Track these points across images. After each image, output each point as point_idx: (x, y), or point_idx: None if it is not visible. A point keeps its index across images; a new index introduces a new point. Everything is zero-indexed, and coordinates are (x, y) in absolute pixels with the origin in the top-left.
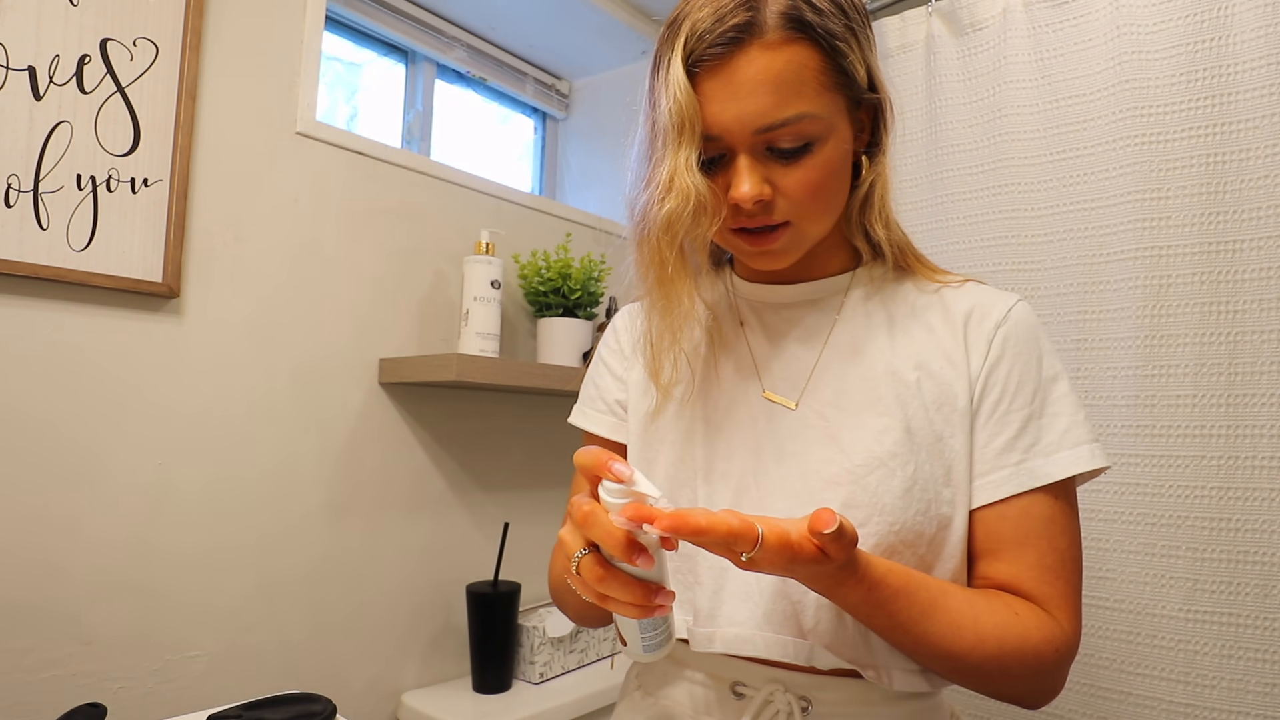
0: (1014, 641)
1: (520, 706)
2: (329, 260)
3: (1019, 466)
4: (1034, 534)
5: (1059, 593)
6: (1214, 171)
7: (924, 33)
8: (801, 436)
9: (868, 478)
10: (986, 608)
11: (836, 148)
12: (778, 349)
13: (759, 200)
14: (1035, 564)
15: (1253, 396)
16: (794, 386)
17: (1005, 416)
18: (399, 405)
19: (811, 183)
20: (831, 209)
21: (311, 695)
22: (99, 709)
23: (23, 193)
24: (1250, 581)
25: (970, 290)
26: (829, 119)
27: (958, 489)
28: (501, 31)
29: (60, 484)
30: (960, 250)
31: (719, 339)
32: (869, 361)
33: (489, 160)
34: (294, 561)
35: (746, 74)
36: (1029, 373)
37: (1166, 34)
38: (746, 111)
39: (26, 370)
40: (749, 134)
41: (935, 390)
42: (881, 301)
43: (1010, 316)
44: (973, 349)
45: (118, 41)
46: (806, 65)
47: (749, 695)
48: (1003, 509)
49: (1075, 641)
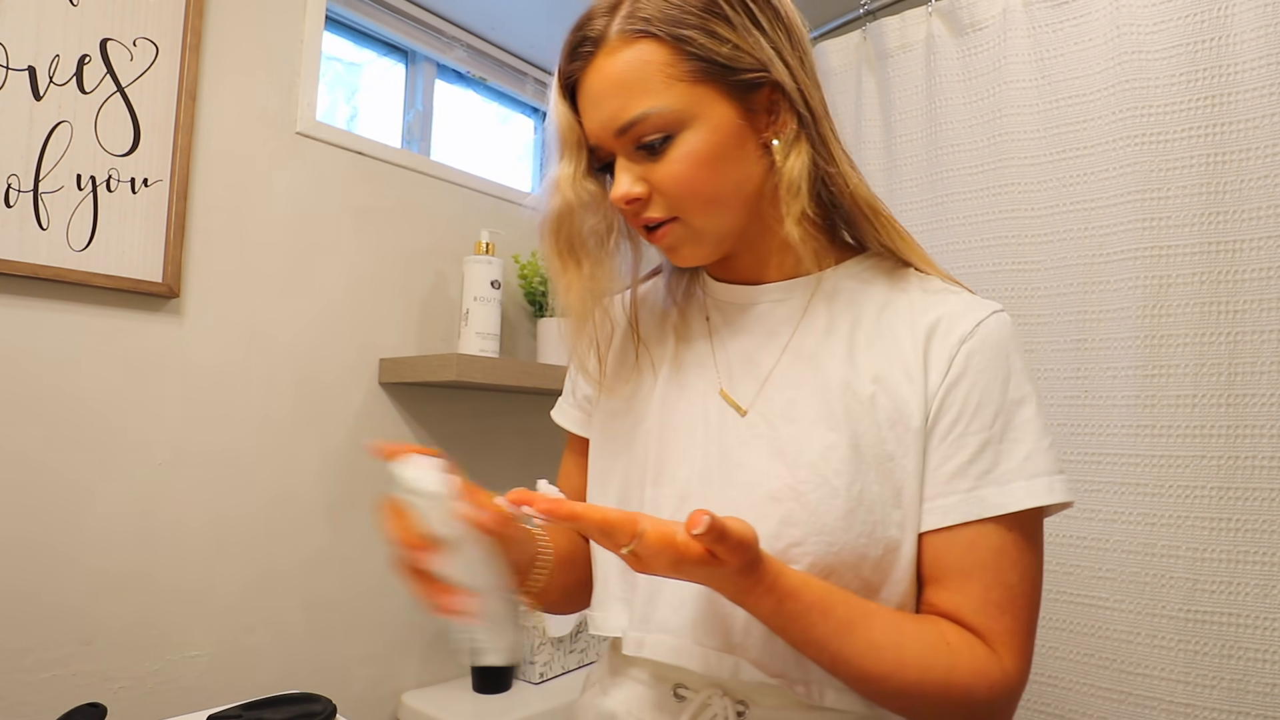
0: (939, 672)
1: (520, 706)
2: (329, 260)
3: (969, 494)
4: (981, 566)
5: (1003, 629)
6: (1214, 171)
7: (924, 33)
8: (749, 445)
9: (809, 495)
10: (915, 633)
11: (706, 137)
12: (739, 352)
13: (630, 199)
14: (980, 597)
15: (1253, 396)
16: (749, 391)
17: (961, 439)
18: (399, 405)
19: (678, 175)
20: (716, 203)
21: (311, 695)
22: (99, 709)
23: (23, 193)
24: (1250, 581)
25: (943, 298)
26: (685, 110)
27: (907, 511)
28: (501, 31)
29: (60, 484)
30: (960, 250)
31: (685, 338)
32: (826, 371)
33: (489, 160)
34: (294, 561)
35: (596, 83)
36: (991, 393)
37: (1166, 34)
38: (602, 117)
39: (26, 370)
40: (611, 138)
41: (890, 407)
42: (848, 305)
43: (978, 331)
44: (933, 364)
45: (118, 41)
46: (648, 62)
47: (688, 698)
48: (950, 536)
49: (1016, 682)
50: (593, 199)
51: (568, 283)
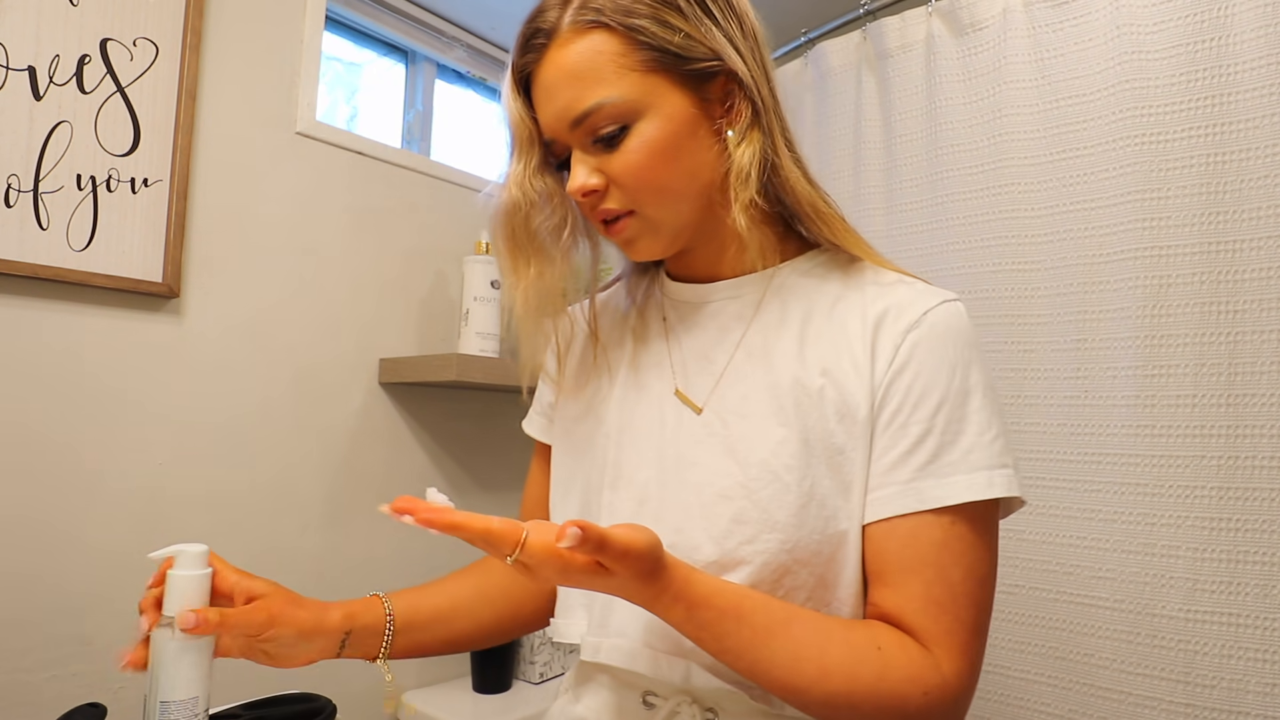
0: (867, 680)
1: (520, 706)
2: (329, 260)
3: (908, 485)
4: (922, 561)
5: (943, 629)
6: (1214, 171)
7: (924, 33)
8: (704, 444)
9: (760, 492)
10: (842, 638)
11: (660, 127)
12: (694, 350)
13: (587, 191)
14: (921, 594)
15: (1253, 396)
16: (704, 390)
17: (903, 429)
18: (399, 405)
19: (634, 165)
20: (670, 194)
21: (312, 695)
22: (99, 709)
23: (23, 193)
24: (1250, 581)
25: (894, 289)
26: (639, 100)
27: (855, 504)
28: (501, 31)
29: (60, 484)
30: (960, 250)
31: (643, 339)
32: (776, 367)
33: (489, 160)
34: (295, 561)
35: (549, 76)
36: (936, 383)
37: (1166, 34)
38: (556, 109)
39: (26, 370)
40: (566, 130)
41: (838, 399)
42: (801, 300)
43: (925, 320)
44: (879, 354)
45: (118, 41)
46: (601, 52)
47: (657, 705)
48: (890, 528)
49: (956, 688)
50: (545, 195)
51: (514, 281)
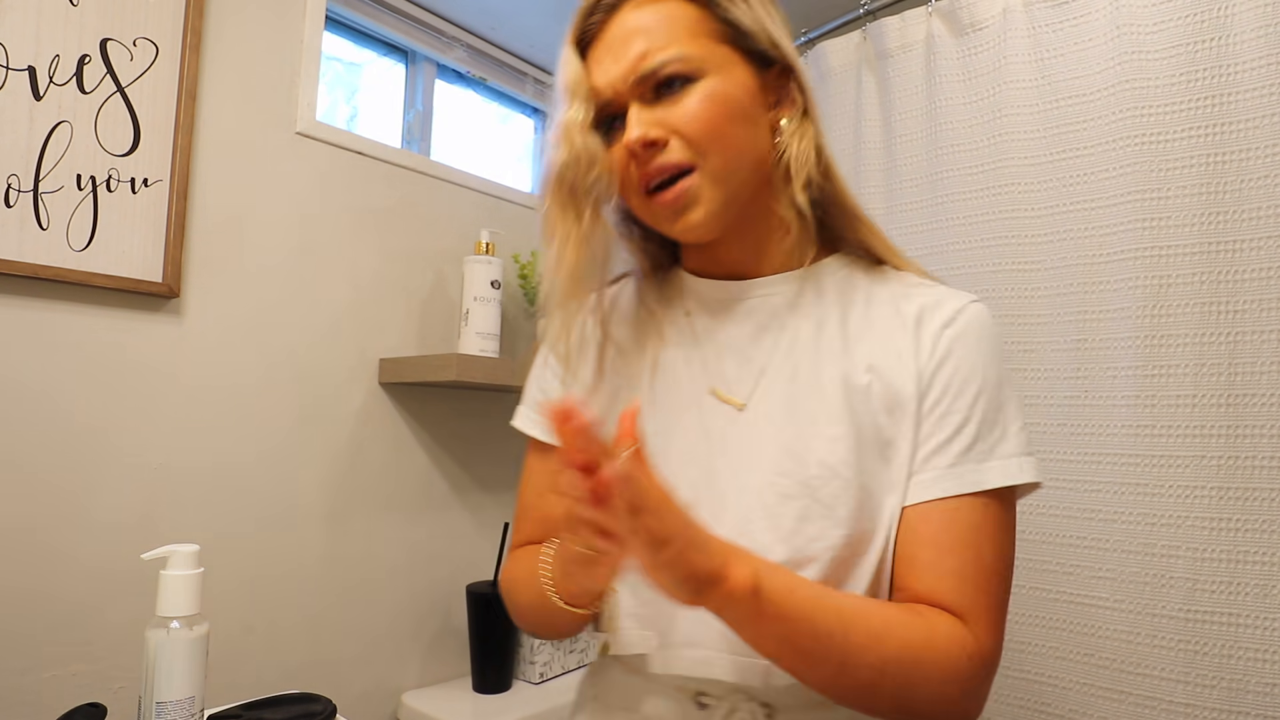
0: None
1: (520, 706)
2: (329, 260)
3: (949, 470)
4: (959, 541)
5: (978, 605)
6: (1214, 171)
7: (924, 33)
8: (753, 444)
9: (822, 490)
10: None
11: (727, 86)
12: (730, 348)
13: (647, 141)
14: (956, 573)
15: (1253, 396)
16: (743, 388)
17: (944, 418)
18: (399, 405)
19: (700, 114)
20: (735, 151)
21: (311, 695)
22: (99, 709)
23: (23, 193)
24: (1250, 581)
25: (923, 290)
26: (711, 60)
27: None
28: (501, 31)
29: (59, 484)
30: (960, 250)
31: (664, 340)
32: (821, 364)
33: (489, 160)
34: (294, 561)
35: (619, 31)
36: (973, 376)
37: (1166, 34)
38: (623, 62)
39: (26, 370)
40: (630, 83)
41: (885, 393)
42: (836, 299)
43: (959, 318)
44: (921, 348)
45: (118, 41)
46: (677, 16)
47: (712, 706)
48: (927, 510)
49: (991, 656)
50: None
51: (566, 233)
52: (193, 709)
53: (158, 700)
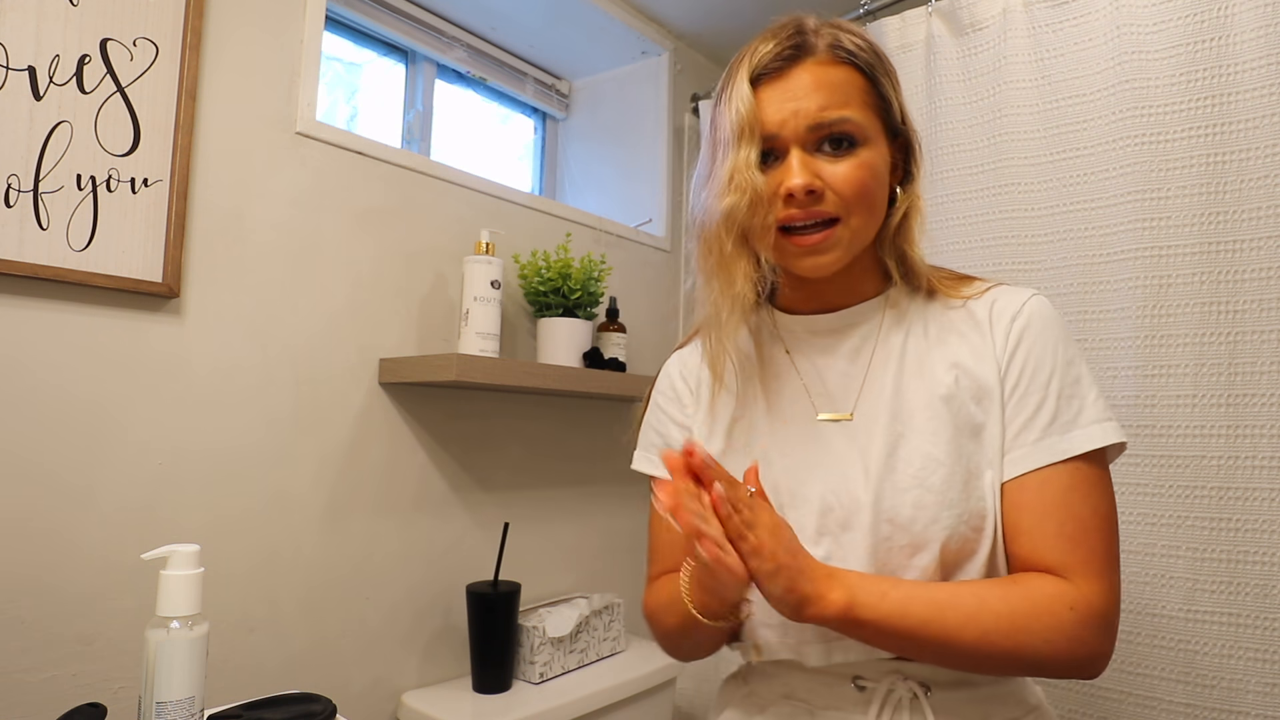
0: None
1: (520, 706)
2: (329, 260)
3: (1036, 444)
4: (1053, 504)
5: (1079, 560)
6: (1214, 171)
7: (924, 33)
8: (863, 450)
9: (931, 479)
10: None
11: (878, 156)
12: (826, 372)
13: (810, 189)
14: (1055, 533)
15: (1253, 396)
16: (847, 402)
17: (1024, 398)
18: (399, 405)
19: (857, 179)
20: (873, 213)
21: (311, 695)
22: (99, 709)
23: (23, 193)
24: (1250, 581)
25: (991, 293)
26: (871, 129)
27: (996, 470)
28: (501, 31)
29: (59, 484)
30: (960, 250)
31: (771, 371)
32: (912, 370)
33: (489, 160)
34: (294, 561)
35: (802, 80)
36: (1044, 358)
37: (1166, 34)
38: (802, 109)
39: (25, 370)
40: (803, 130)
41: (972, 385)
42: (916, 317)
43: (1025, 310)
44: (996, 342)
45: (118, 41)
46: (852, 82)
47: (871, 687)
48: (1023, 483)
49: (1101, 604)
50: (767, 197)
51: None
52: (193, 709)
53: (158, 700)
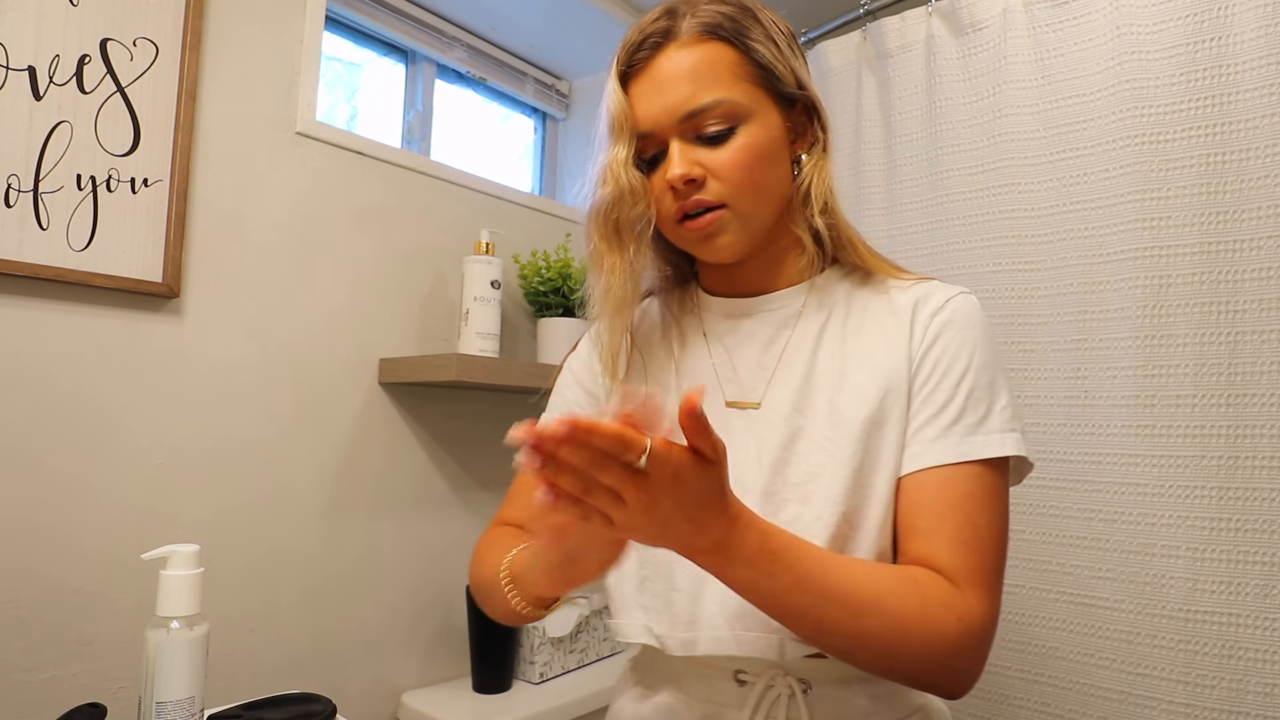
0: (913, 605)
1: (520, 706)
2: (329, 260)
3: (936, 441)
4: (951, 507)
5: (971, 567)
6: (1214, 171)
7: (924, 33)
8: (761, 439)
9: (822, 474)
10: (884, 568)
11: (762, 134)
12: (738, 357)
13: (688, 179)
14: (950, 536)
15: (1253, 396)
16: (756, 389)
17: (933, 393)
18: (399, 405)
19: (738, 163)
20: (764, 194)
21: (311, 695)
22: (99, 709)
23: (23, 193)
24: (1250, 581)
25: (917, 285)
26: (749, 106)
27: (895, 463)
28: (501, 31)
29: (59, 484)
30: (960, 250)
31: (685, 349)
32: (824, 362)
33: (489, 160)
34: (294, 561)
35: (666, 70)
36: (960, 355)
37: (1166, 34)
38: (670, 101)
39: (26, 370)
40: (675, 122)
41: (881, 379)
42: (837, 304)
43: (948, 306)
44: (914, 335)
45: (118, 41)
46: (720, 59)
47: (751, 682)
48: (921, 479)
49: (983, 618)
50: (640, 190)
51: (612, 265)
52: (193, 709)
53: (158, 700)
